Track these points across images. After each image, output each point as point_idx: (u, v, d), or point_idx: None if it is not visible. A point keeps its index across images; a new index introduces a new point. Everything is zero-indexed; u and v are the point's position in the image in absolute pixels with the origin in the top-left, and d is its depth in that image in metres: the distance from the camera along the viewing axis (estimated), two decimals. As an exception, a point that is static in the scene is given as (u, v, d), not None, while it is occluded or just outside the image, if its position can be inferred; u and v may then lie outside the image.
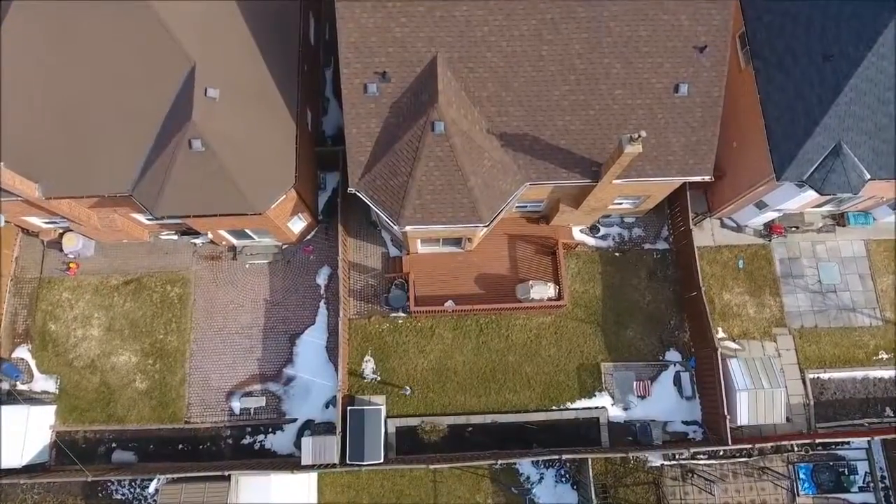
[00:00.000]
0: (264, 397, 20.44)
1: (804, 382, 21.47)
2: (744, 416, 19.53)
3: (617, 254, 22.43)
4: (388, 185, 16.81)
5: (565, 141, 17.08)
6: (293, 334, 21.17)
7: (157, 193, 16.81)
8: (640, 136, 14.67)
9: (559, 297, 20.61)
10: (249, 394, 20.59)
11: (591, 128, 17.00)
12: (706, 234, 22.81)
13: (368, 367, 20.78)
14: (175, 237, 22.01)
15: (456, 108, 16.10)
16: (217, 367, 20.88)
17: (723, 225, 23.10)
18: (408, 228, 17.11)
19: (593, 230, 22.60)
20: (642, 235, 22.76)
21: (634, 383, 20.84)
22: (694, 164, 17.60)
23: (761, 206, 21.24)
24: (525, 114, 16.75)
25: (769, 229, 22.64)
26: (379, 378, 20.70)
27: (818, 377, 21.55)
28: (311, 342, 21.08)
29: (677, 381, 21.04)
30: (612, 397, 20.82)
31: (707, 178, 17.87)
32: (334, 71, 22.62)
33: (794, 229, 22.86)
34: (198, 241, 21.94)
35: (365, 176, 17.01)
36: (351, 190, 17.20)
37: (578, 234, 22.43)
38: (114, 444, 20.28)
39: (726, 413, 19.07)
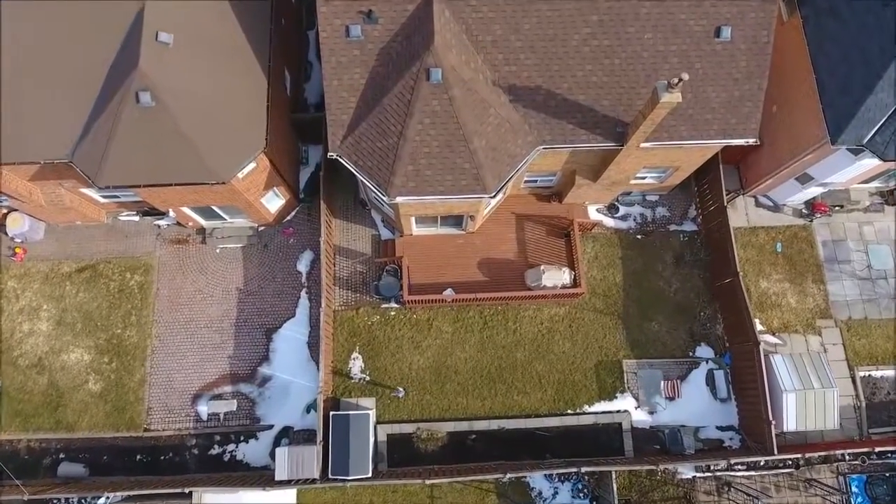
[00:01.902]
0: (235, 400, 17.74)
1: (854, 382, 18.80)
2: (791, 421, 16.85)
3: (639, 236, 19.76)
4: (376, 148, 14.14)
5: (585, 96, 14.42)
6: (270, 328, 18.49)
7: (100, 159, 14.13)
8: (680, 81, 11.99)
9: (575, 283, 17.93)
10: (219, 396, 17.90)
11: (616, 79, 14.34)
12: (739, 214, 20.15)
13: (356, 365, 18.10)
14: (136, 218, 19.36)
15: (456, 52, 13.43)
16: (182, 365, 18.19)
17: (758, 204, 20.44)
18: (399, 200, 14.44)
19: (612, 209, 19.93)
20: (667, 215, 20.10)
21: (661, 383, 18.14)
22: (737, 125, 14.95)
23: (805, 180, 18.57)
24: (538, 62, 14.09)
25: (811, 208, 19.98)
26: (368, 378, 18.02)
27: (869, 375, 18.88)
28: (291, 337, 18.40)
29: (710, 380, 18.36)
30: (637, 399, 18.12)
31: (752, 142, 15.22)
32: (318, 33, 19.97)
33: (837, 208, 20.20)
34: (162, 222, 19.29)
35: (348, 137, 14.34)
36: (332, 154, 14.53)
37: (595, 215, 19.77)
38: (61, 456, 17.58)
39: (770, 417, 16.39)
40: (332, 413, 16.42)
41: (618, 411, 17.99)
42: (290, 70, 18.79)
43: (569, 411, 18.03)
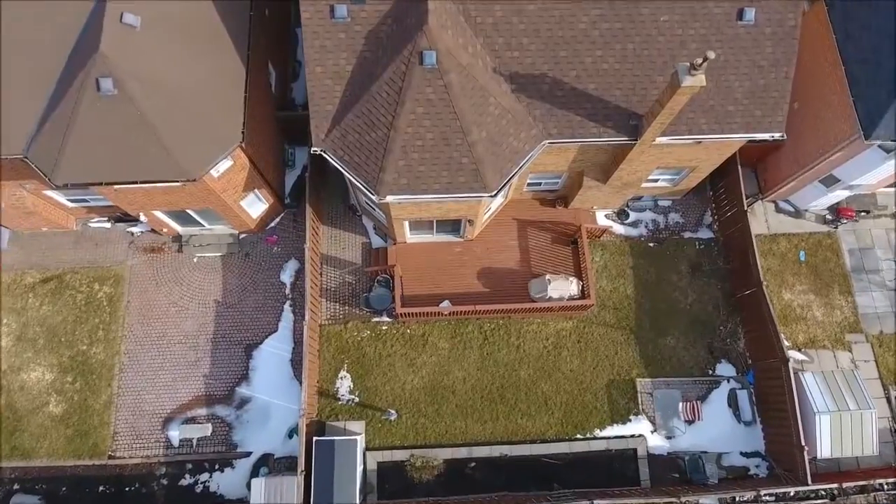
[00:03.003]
0: (210, 424, 16.07)
1: (889, 402, 17.19)
2: (825, 447, 15.19)
3: (651, 244, 18.29)
4: (364, 142, 12.74)
5: (595, 85, 13.07)
6: (250, 344, 16.89)
7: (58, 154, 12.70)
8: (704, 61, 10.63)
9: (584, 294, 16.40)
10: (192, 420, 16.23)
11: (630, 66, 13.01)
12: (759, 221, 18.72)
13: (344, 385, 16.48)
14: (108, 224, 17.89)
15: (452, 34, 12.10)
16: (153, 385, 16.55)
17: (778, 209, 19.03)
18: (389, 199, 12.99)
19: (621, 215, 18.50)
20: (681, 222, 18.67)
21: (680, 404, 16.51)
22: (762, 117, 13.58)
23: (830, 182, 17.19)
24: (543, 47, 12.77)
25: (836, 213, 18.58)
26: (357, 399, 16.38)
27: (906, 395, 17.28)
28: (273, 354, 16.81)
29: (733, 400, 16.73)
30: (653, 422, 16.45)
31: (778, 136, 13.82)
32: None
33: (863, 214, 18.79)
34: (135, 229, 17.82)
35: (333, 131, 12.94)
36: (315, 150, 13.12)
37: (603, 221, 18.33)
38: (16, 486, 15.84)
39: (803, 442, 14.73)
40: (315, 439, 14.74)
41: (632, 436, 16.32)
42: (275, 66, 17.50)
43: (578, 436, 16.35)
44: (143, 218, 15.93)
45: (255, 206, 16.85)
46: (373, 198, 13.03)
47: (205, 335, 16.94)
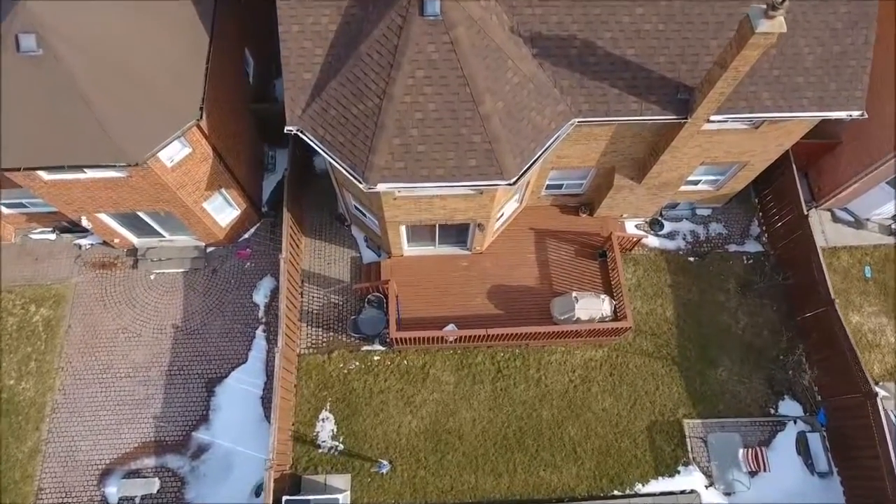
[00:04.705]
0: (158, 479, 12.93)
1: None
2: (931, 505, 12.03)
3: (691, 258, 15.59)
4: (350, 116, 10.19)
5: (635, 50, 10.67)
6: (212, 378, 13.94)
7: (-34, 131, 10.15)
8: (783, 1, 8.23)
9: (618, 315, 13.58)
10: (136, 473, 13.10)
11: (677, 28, 10.65)
12: (814, 233, 15.93)
13: (326, 428, 13.43)
14: (52, 236, 15.21)
15: (460, -19, 9.75)
16: (91, 429, 13.49)
17: (835, 219, 16.42)
18: (381, 188, 10.34)
19: (655, 226, 15.87)
20: (724, 233, 16.01)
21: (740, 451, 13.40)
22: (837, 92, 11.12)
23: (900, 184, 14.67)
24: (571, 3, 10.42)
25: (905, 222, 15.97)
26: (341, 447, 13.30)
27: None
28: (240, 390, 13.83)
29: (802, 446, 13.65)
30: (707, 475, 13.32)
31: (856, 115, 11.34)
32: None
33: (935, 224, 16.19)
34: (84, 241, 15.15)
35: (312, 104, 10.42)
36: (290, 129, 10.57)
37: (634, 232, 15.68)
38: None
39: (903, 500, 11.63)
40: (285, 498, 11.61)
41: (682, 492, 13.16)
42: (254, 56, 15.23)
43: (615, 492, 13.18)
44: (85, 223, 13.25)
45: (224, 211, 14.23)
46: (360, 187, 10.38)
47: (158, 367, 13.99)
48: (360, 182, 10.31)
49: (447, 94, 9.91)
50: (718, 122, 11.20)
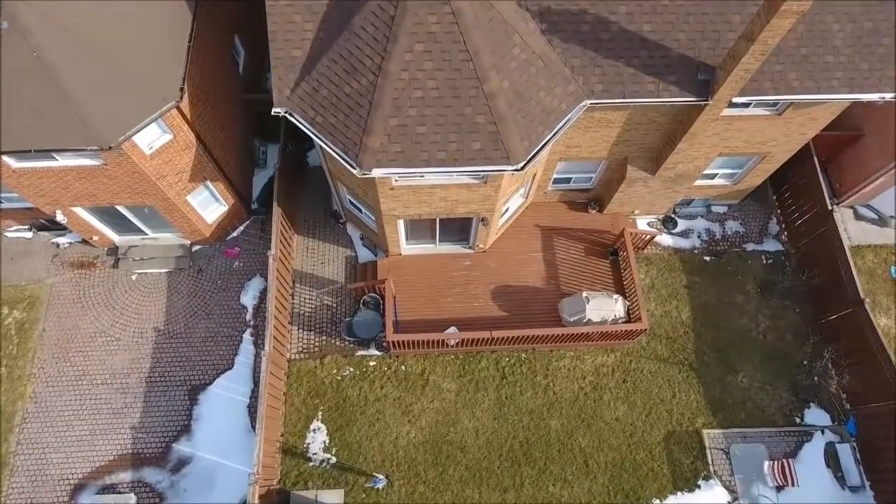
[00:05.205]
0: (134, 495, 11.92)
1: None
2: (977, 524, 11.03)
3: (707, 258, 14.70)
4: (343, 95, 9.36)
5: (652, 26, 9.87)
6: (196, 385, 12.97)
7: (-76, 111, 9.30)
8: (821, -38, 7.44)
9: (632, 317, 12.65)
10: (110, 488, 12.08)
11: (696, 2, 9.86)
12: (836, 230, 15.19)
13: (317, 439, 12.44)
14: (28, 234, 14.32)
15: (463, -53, 8.96)
16: (64, 440, 12.50)
17: (858, 216, 15.57)
18: (376, 173, 9.47)
19: (668, 224, 15.00)
20: (741, 231, 15.15)
21: (766, 464, 12.40)
22: (869, 72, 10.31)
23: (928, 178, 13.83)
24: (583, -25, 9.66)
25: (932, 220, 15.11)
26: (334, 459, 12.29)
27: None
28: (225, 398, 12.86)
29: (832, 458, 12.66)
30: (730, 489, 12.31)
31: (889, 97, 10.51)
32: None
33: (963, 222, 15.33)
34: (62, 239, 14.27)
35: (301, 84, 9.58)
36: (277, 111, 9.72)
37: (646, 230, 14.80)
38: None
39: (947, 518, 10.62)
40: (271, 515, 10.61)
41: (704, 508, 12.15)
42: (246, 46, 14.46)
43: (631, 509, 12.18)
44: (60, 218, 12.36)
45: (211, 207, 13.36)
46: (354, 173, 9.50)
47: (138, 374, 13.02)
48: (353, 167, 9.44)
49: (449, 70, 9.08)
50: (741, 104, 10.38)
